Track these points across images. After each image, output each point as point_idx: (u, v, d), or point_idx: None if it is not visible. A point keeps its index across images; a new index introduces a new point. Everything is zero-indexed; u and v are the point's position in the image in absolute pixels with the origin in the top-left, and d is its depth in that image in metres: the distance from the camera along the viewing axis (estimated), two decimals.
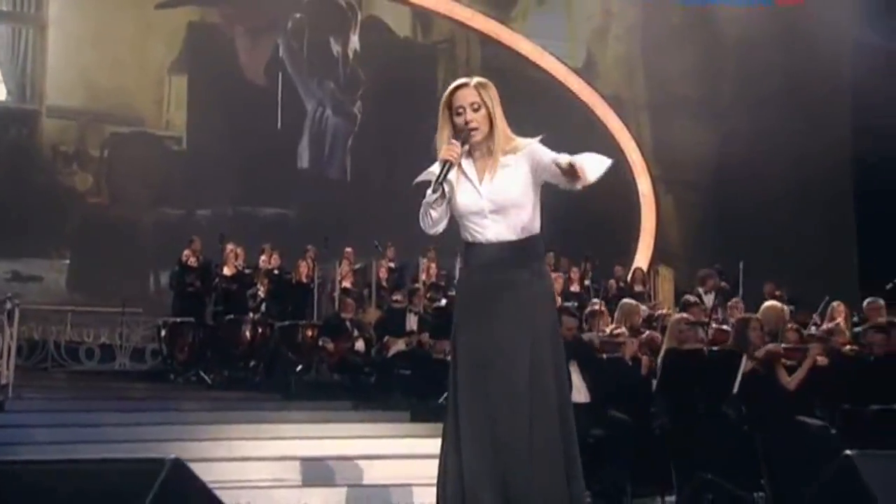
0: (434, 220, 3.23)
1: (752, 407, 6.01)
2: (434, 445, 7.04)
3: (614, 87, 14.09)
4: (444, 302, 9.73)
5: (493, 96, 3.25)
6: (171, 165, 13.59)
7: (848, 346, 6.64)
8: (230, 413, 8.03)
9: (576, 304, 8.68)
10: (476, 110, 3.20)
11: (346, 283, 10.47)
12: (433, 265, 10.97)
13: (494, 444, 3.09)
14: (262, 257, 10.82)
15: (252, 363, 9.81)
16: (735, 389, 5.78)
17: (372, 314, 9.68)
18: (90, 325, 11.74)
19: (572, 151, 2.86)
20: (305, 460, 6.10)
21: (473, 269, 3.28)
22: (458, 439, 3.16)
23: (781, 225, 13.03)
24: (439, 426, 7.64)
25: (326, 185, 13.79)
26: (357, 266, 11.13)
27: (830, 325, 8.23)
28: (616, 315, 7.66)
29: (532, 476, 3.05)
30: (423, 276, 10.85)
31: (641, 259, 13.04)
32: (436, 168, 3.19)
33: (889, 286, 8.90)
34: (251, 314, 9.95)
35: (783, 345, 6.14)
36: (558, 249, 10.47)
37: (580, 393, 5.89)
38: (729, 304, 8.96)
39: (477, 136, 3.21)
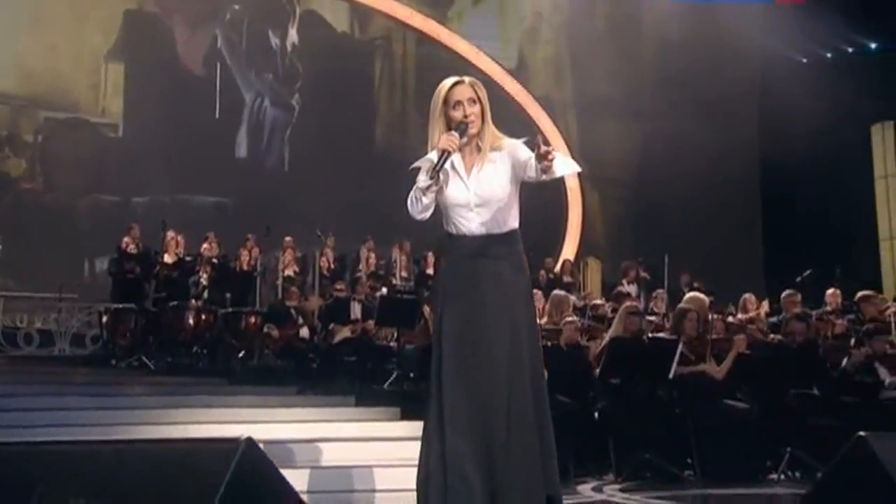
0: (424, 205, 3.28)
1: (684, 391, 6.25)
2: (380, 429, 7.17)
3: (544, 87, 14.30)
4: (384, 290, 9.79)
5: (485, 95, 3.33)
6: (107, 152, 13.28)
7: (772, 336, 6.95)
8: (176, 398, 7.91)
9: None
10: (472, 105, 3.27)
11: (289, 272, 10.43)
12: (372, 255, 11.00)
13: (476, 425, 3.18)
14: (205, 245, 10.69)
15: (195, 349, 9.68)
16: (671, 375, 6.00)
17: (314, 302, 9.65)
18: (24, 310, 11.39)
19: None
20: (263, 443, 6.07)
21: (457, 258, 3.34)
22: (441, 421, 3.22)
23: (696, 220, 13.46)
24: (384, 410, 7.77)
25: (264, 174, 13.66)
26: (298, 255, 11.08)
27: (749, 314, 8.57)
28: (547, 306, 7.83)
29: (509, 454, 3.15)
30: (362, 266, 10.87)
31: (568, 251, 13.30)
32: (433, 156, 3.24)
33: (799, 279, 9.31)
34: (193, 301, 9.83)
35: (713, 336, 6.40)
36: None
37: None
38: (653, 294, 9.23)
39: (473, 130, 3.27)
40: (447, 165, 3.24)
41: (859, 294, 8.46)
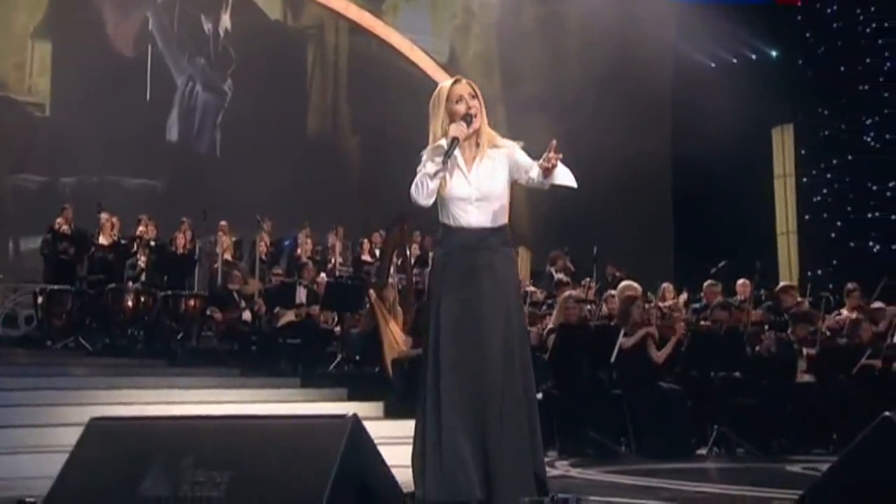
0: (430, 191, 3.35)
1: (623, 374, 6.54)
2: (329, 409, 7.23)
3: (475, 82, 14.40)
4: (323, 276, 9.81)
5: (480, 93, 3.44)
6: (34, 132, 12.82)
7: (704, 322, 7.31)
8: (120, 378, 7.82)
9: None
10: (473, 99, 3.39)
11: (227, 256, 10.33)
12: (309, 240, 10.98)
13: (471, 408, 3.30)
14: (141, 227, 10.49)
15: (131, 331, 9.52)
16: (613, 359, 6.27)
17: (254, 285, 9.60)
18: None
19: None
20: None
21: (454, 249, 3.42)
22: (438, 403, 3.32)
23: (614, 213, 13.87)
24: (331, 391, 7.82)
25: (196, 158, 13.40)
26: (233, 239, 10.99)
27: (668, 303, 8.95)
28: None
29: (503, 437, 3.29)
30: (299, 251, 10.84)
31: None
32: (442, 142, 3.33)
33: (714, 270, 9.74)
34: (131, 283, 9.65)
35: (656, 324, 6.71)
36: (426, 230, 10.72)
37: None
38: (582, 283, 9.51)
39: (476, 123, 3.38)
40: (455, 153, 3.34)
41: (780, 285, 8.95)
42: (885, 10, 14.27)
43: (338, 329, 8.56)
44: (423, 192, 3.35)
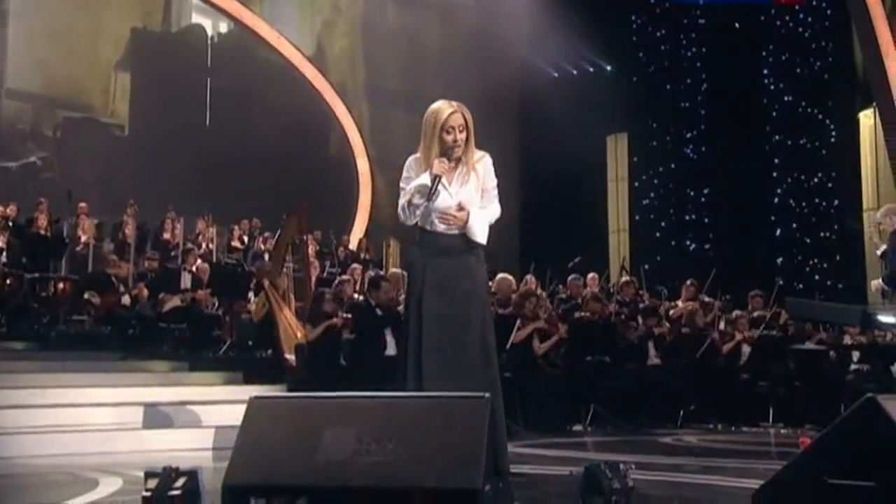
0: (416, 216, 3.71)
1: (512, 359, 7.03)
2: (231, 392, 7.20)
3: (340, 76, 14.57)
4: (200, 262, 9.67)
5: (471, 119, 3.74)
6: None
7: (583, 314, 7.90)
8: None
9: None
10: (461, 132, 3.69)
11: (91, 239, 9.95)
12: (178, 225, 10.75)
13: (451, 390, 3.60)
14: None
15: None
16: (508, 346, 6.75)
17: (124, 269, 9.33)
18: None
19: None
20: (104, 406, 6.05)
21: (434, 252, 3.76)
22: (420, 386, 3.61)
23: None
24: (225, 375, 7.79)
25: (45, 140, 12.69)
26: (95, 222, 10.58)
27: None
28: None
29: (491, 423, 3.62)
30: (166, 235, 10.60)
31: (359, 230, 13.72)
32: (426, 179, 3.63)
33: (571, 265, 10.48)
34: None
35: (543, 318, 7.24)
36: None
37: (391, 348, 6.53)
38: None
39: (458, 154, 3.70)
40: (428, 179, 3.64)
41: (623, 279, 9.78)
42: (704, 38, 15.76)
43: (220, 313, 8.51)
44: (409, 217, 3.71)
